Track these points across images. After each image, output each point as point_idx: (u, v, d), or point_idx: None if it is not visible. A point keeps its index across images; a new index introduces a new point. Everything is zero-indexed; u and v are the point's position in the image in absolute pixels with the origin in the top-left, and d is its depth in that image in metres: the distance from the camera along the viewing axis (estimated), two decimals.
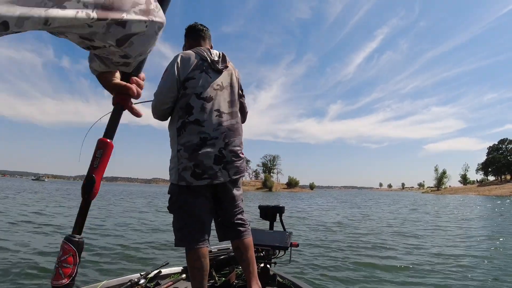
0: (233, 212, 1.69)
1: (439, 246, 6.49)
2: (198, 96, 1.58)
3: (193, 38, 1.78)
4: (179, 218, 1.59)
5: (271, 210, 2.40)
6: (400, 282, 4.03)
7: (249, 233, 1.72)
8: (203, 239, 1.56)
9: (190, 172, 1.53)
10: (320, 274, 4.29)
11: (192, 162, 1.53)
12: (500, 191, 64.46)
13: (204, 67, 1.62)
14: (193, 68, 1.59)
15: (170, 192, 1.62)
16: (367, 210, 17.03)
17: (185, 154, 1.54)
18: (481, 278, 4.22)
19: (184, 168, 1.54)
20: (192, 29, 1.79)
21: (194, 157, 1.53)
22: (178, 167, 1.55)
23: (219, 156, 1.57)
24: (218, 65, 1.66)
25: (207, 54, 1.64)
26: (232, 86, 1.71)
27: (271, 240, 2.14)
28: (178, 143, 1.57)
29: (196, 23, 1.80)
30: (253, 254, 1.71)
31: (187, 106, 1.57)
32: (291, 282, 2.05)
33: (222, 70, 1.68)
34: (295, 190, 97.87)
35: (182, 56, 1.62)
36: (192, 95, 1.57)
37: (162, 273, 2.11)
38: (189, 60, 1.61)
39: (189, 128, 1.55)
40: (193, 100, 1.57)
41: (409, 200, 34.79)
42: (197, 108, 1.57)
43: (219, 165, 1.57)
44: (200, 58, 1.63)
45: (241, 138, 1.72)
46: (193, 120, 1.56)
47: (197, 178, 1.53)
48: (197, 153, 1.53)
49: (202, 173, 1.53)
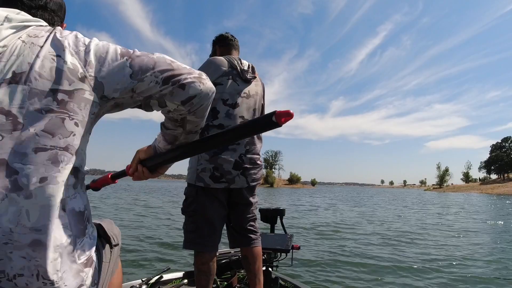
0: (246, 218, 1.71)
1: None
2: (224, 102, 1.61)
3: (224, 46, 1.81)
4: (191, 220, 1.61)
5: (271, 213, 2.39)
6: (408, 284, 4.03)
7: (259, 242, 1.73)
8: (213, 244, 1.59)
9: (209, 175, 1.55)
10: (322, 277, 4.28)
11: (212, 165, 1.55)
12: (503, 189, 64.26)
13: (232, 75, 1.66)
14: (222, 75, 1.63)
15: (187, 194, 1.64)
16: (374, 210, 16.96)
17: (205, 156, 1.56)
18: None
19: (203, 170, 1.56)
20: (223, 38, 1.82)
21: (214, 160, 1.56)
22: (197, 167, 1.57)
23: (239, 162, 1.59)
24: (247, 75, 1.70)
25: (237, 63, 1.69)
26: (258, 96, 1.76)
27: (273, 243, 2.14)
28: None
29: (227, 33, 1.85)
30: (261, 265, 1.73)
31: (213, 110, 1.60)
32: (293, 285, 2.06)
33: (251, 80, 1.72)
34: (296, 186, 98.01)
35: (214, 61, 1.66)
36: (218, 100, 1.61)
37: (164, 279, 2.11)
38: (220, 66, 1.65)
39: (212, 131, 1.58)
40: (219, 105, 1.61)
41: (415, 198, 34.68)
42: (222, 113, 1.60)
43: (238, 170, 1.59)
44: (230, 66, 1.67)
45: (261, 147, 1.75)
46: (217, 124, 1.59)
47: (215, 181, 1.55)
48: (217, 157, 1.56)
49: (220, 176, 1.55)
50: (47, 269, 0.57)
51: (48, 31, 0.67)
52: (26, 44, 0.63)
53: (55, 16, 0.79)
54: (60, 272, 0.59)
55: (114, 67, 0.68)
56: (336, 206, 17.87)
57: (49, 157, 0.59)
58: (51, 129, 0.60)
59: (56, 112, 0.61)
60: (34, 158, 0.58)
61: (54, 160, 0.60)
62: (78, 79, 0.64)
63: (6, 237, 0.55)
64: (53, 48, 0.64)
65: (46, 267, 0.57)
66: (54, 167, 0.60)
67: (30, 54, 0.62)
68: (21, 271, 0.56)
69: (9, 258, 0.56)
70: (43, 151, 0.59)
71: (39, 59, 0.62)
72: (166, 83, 0.68)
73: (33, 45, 0.63)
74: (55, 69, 0.62)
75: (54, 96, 0.61)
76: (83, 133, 0.66)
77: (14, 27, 0.64)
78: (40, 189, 0.58)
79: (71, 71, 0.64)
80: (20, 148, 0.57)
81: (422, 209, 17.76)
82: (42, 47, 0.63)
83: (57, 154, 0.60)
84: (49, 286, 0.58)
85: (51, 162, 0.59)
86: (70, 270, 0.61)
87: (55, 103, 0.61)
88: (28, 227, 0.57)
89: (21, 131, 0.58)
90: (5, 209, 0.56)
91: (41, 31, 0.67)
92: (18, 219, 0.56)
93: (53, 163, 0.60)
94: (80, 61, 0.65)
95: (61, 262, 0.59)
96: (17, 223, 0.56)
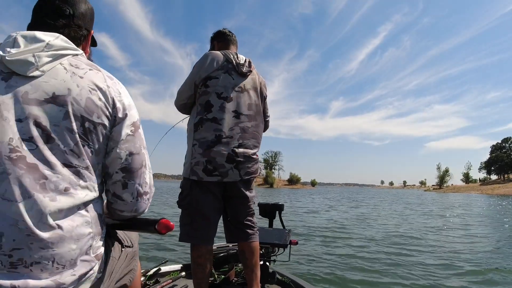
0: (243, 212, 1.71)
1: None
2: (219, 96, 1.61)
3: (222, 41, 1.83)
4: (187, 213, 1.63)
5: (270, 207, 2.40)
6: (403, 277, 4.04)
7: (256, 237, 1.73)
8: (208, 237, 1.60)
9: (202, 168, 1.56)
10: (319, 271, 4.30)
11: (205, 158, 1.56)
12: (503, 190, 64.21)
13: (228, 69, 1.66)
14: (217, 68, 1.64)
15: (182, 187, 1.66)
16: (374, 210, 16.97)
17: (199, 150, 1.57)
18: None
19: (197, 163, 1.57)
20: (221, 33, 1.85)
21: (207, 153, 1.56)
22: (191, 161, 1.59)
23: (232, 155, 1.59)
24: (242, 68, 1.70)
25: (233, 57, 1.69)
26: (254, 90, 1.74)
27: (270, 237, 2.14)
28: (194, 138, 1.61)
29: (225, 29, 1.86)
30: (258, 260, 1.72)
31: (206, 103, 1.61)
32: (290, 280, 2.06)
33: (247, 74, 1.72)
34: (296, 187, 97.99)
35: (209, 55, 1.67)
36: (212, 94, 1.61)
37: (162, 271, 2.12)
38: (215, 59, 1.66)
39: (206, 124, 1.59)
40: (213, 99, 1.61)
41: (415, 199, 34.68)
42: (216, 107, 1.60)
43: (231, 164, 1.59)
44: (226, 60, 1.67)
45: (258, 142, 1.74)
46: (211, 118, 1.59)
47: (208, 174, 1.56)
48: (210, 150, 1.56)
49: (213, 169, 1.56)
50: (64, 257, 0.67)
51: (88, 65, 0.77)
52: (68, 72, 0.72)
53: (80, 31, 0.85)
54: (74, 260, 0.69)
55: (121, 132, 0.79)
56: (336, 206, 17.88)
57: (73, 172, 0.70)
58: (76, 151, 0.70)
59: (81, 137, 0.71)
60: (62, 170, 0.68)
61: (77, 175, 0.71)
62: (105, 115, 0.75)
63: (29, 230, 0.63)
64: (92, 83, 0.74)
65: (63, 255, 0.67)
66: (77, 181, 0.71)
67: (70, 82, 0.72)
68: (39, 260, 0.64)
69: (29, 248, 0.63)
70: (69, 167, 0.70)
71: (78, 88, 0.72)
72: (126, 181, 0.83)
73: (74, 75, 0.73)
74: (90, 100, 0.73)
75: (83, 122, 0.72)
76: (98, 160, 0.77)
77: (54, 55, 0.72)
78: (65, 195, 0.68)
79: (102, 108, 0.74)
80: (51, 159, 0.67)
81: (423, 208, 17.76)
82: (82, 78, 0.73)
83: (80, 171, 0.71)
84: (61, 270, 0.66)
85: (74, 176, 0.70)
86: (83, 260, 0.71)
87: (82, 129, 0.72)
88: (49, 225, 0.65)
89: (52, 144, 0.68)
90: (30, 207, 0.63)
91: (81, 63, 0.76)
92: (41, 217, 0.64)
93: (76, 177, 0.71)
94: (109, 104, 0.76)
95: (77, 254, 0.69)
96: (39, 219, 0.64)
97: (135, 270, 1.00)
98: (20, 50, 0.68)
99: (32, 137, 0.66)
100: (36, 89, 0.68)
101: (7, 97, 0.66)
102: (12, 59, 0.68)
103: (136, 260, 1.03)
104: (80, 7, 0.85)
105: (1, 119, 0.65)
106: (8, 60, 0.67)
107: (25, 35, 0.71)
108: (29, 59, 0.69)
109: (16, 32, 0.72)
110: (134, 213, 0.88)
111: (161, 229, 0.82)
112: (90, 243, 0.73)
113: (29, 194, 0.63)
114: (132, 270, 0.98)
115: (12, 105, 0.66)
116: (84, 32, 0.86)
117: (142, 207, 0.88)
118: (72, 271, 0.68)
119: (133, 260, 1.00)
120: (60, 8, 0.81)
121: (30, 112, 0.66)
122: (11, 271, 0.62)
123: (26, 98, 0.67)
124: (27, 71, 0.68)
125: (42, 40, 0.72)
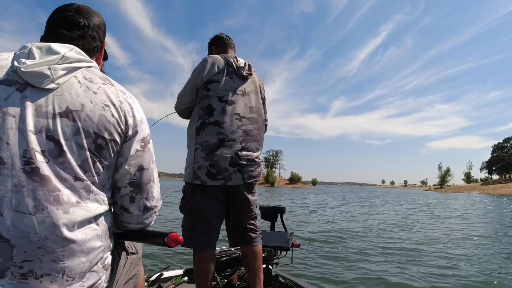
0: (246, 216, 1.70)
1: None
2: (220, 99, 1.61)
3: (219, 46, 1.83)
4: (189, 218, 1.62)
5: (272, 210, 2.39)
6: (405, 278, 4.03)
7: (259, 240, 1.73)
8: (210, 241, 1.60)
9: (206, 172, 1.55)
10: (322, 274, 4.29)
11: (208, 162, 1.55)
12: (505, 190, 64.03)
13: (229, 72, 1.66)
14: (218, 72, 1.64)
15: (184, 192, 1.65)
16: (377, 210, 16.94)
17: (202, 154, 1.56)
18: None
19: (200, 167, 1.56)
20: (218, 38, 1.85)
21: (210, 157, 1.55)
22: (194, 165, 1.57)
23: (235, 158, 1.58)
24: (243, 71, 1.70)
25: (233, 61, 1.69)
26: (255, 93, 1.75)
27: (273, 240, 2.14)
28: (196, 142, 1.60)
29: (222, 33, 1.87)
30: (261, 263, 1.72)
31: (208, 107, 1.60)
32: (293, 283, 2.05)
33: (247, 77, 1.72)
34: (297, 186, 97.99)
35: (210, 59, 1.67)
36: (214, 97, 1.61)
37: (164, 276, 2.12)
38: (215, 63, 1.66)
39: (208, 128, 1.58)
40: (214, 102, 1.60)
41: (416, 199, 34.60)
42: (218, 110, 1.60)
43: (234, 167, 1.58)
44: (226, 63, 1.68)
45: (260, 144, 1.73)
46: (213, 121, 1.58)
47: (212, 178, 1.55)
48: (213, 154, 1.55)
49: (216, 173, 1.55)
50: (73, 270, 0.67)
51: (101, 79, 0.78)
52: (82, 87, 0.73)
53: (94, 43, 0.86)
54: (84, 272, 0.70)
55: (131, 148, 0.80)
56: (338, 206, 17.86)
57: (84, 186, 0.70)
58: (86, 166, 0.71)
59: (92, 153, 0.71)
60: (73, 183, 0.69)
61: (88, 189, 0.71)
62: (117, 132, 0.76)
63: (41, 243, 0.64)
64: (105, 99, 0.75)
65: (73, 268, 0.67)
66: (88, 194, 0.71)
67: (84, 97, 0.72)
68: (49, 272, 0.65)
69: (40, 260, 0.64)
70: (80, 181, 0.70)
71: (91, 104, 0.72)
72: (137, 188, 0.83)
73: (87, 89, 0.73)
74: (103, 117, 0.73)
75: (95, 139, 0.72)
76: (109, 175, 0.78)
77: (69, 68, 0.72)
78: (77, 207, 0.68)
79: (114, 124, 0.75)
80: (63, 172, 0.68)
81: (423, 207, 17.73)
82: (96, 94, 0.74)
83: (90, 185, 0.72)
84: (70, 282, 0.67)
85: (85, 190, 0.71)
86: (92, 271, 0.72)
87: (94, 145, 0.72)
88: (61, 237, 0.65)
89: (64, 158, 0.68)
90: (43, 219, 0.64)
91: (95, 77, 0.77)
92: (53, 229, 0.65)
93: (86, 191, 0.71)
94: (122, 120, 0.77)
95: (87, 267, 0.70)
96: (52, 232, 0.64)
97: (139, 275, 1.02)
98: (35, 62, 0.69)
99: (45, 151, 0.66)
100: (51, 102, 0.69)
101: (22, 108, 0.66)
102: (28, 71, 0.68)
103: (139, 265, 1.04)
104: (94, 19, 0.86)
105: (16, 131, 0.65)
106: (23, 72, 0.67)
107: (40, 47, 0.72)
108: (45, 71, 0.69)
109: (31, 43, 0.73)
110: (140, 226, 0.90)
111: (170, 242, 0.83)
112: (101, 256, 0.74)
113: (42, 207, 0.64)
114: (136, 275, 1.00)
115: (26, 117, 0.66)
116: (98, 43, 0.87)
117: (149, 220, 0.90)
118: (81, 282, 0.69)
119: (137, 265, 1.02)
120: (75, 19, 0.81)
121: (44, 125, 0.67)
122: (21, 282, 0.62)
123: (40, 110, 0.67)
124: (42, 84, 0.68)
125: (58, 52, 0.72)
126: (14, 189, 0.63)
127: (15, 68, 0.68)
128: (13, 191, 0.63)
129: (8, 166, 0.63)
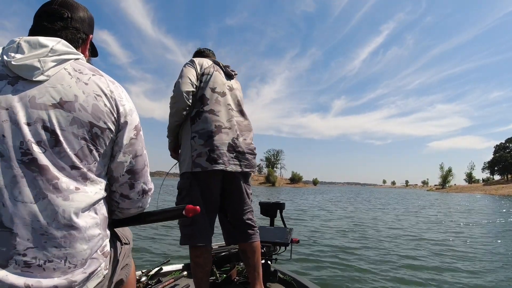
0: (242, 209, 1.70)
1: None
2: (213, 90, 1.67)
3: (201, 56, 1.91)
4: None
5: (271, 206, 2.39)
6: (404, 275, 4.02)
7: (257, 236, 1.73)
8: (207, 237, 1.61)
9: (206, 158, 1.56)
10: (321, 270, 4.30)
11: (208, 148, 1.56)
12: (507, 190, 63.72)
13: (218, 68, 1.77)
14: (208, 67, 1.72)
15: (180, 187, 1.64)
16: (377, 209, 16.90)
17: (200, 141, 1.58)
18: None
19: (199, 155, 1.56)
20: (199, 52, 1.95)
21: (209, 143, 1.57)
22: (192, 154, 1.58)
23: (232, 145, 1.62)
24: (229, 69, 1.81)
25: (218, 61, 1.82)
26: (240, 91, 1.85)
27: (272, 236, 2.14)
28: (192, 130, 1.61)
29: (200, 48, 1.97)
30: (260, 258, 1.73)
31: (202, 97, 1.65)
32: (292, 278, 2.06)
33: (233, 75, 1.84)
34: (298, 186, 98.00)
35: (197, 59, 1.76)
36: (207, 88, 1.66)
37: (163, 271, 2.13)
38: (203, 60, 1.76)
39: (203, 116, 1.61)
40: (207, 92, 1.66)
41: (418, 199, 34.50)
42: (212, 100, 1.65)
43: (232, 153, 1.61)
44: (213, 62, 1.79)
45: (252, 138, 1.77)
46: (208, 110, 1.63)
47: (212, 162, 1.56)
48: (212, 139, 1.57)
49: (217, 157, 1.56)
50: (75, 257, 0.69)
51: (90, 70, 0.79)
52: (73, 78, 0.74)
53: (78, 34, 0.87)
54: (85, 259, 0.71)
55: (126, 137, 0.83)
56: (339, 205, 17.84)
57: (81, 174, 0.73)
58: (82, 155, 0.73)
59: (88, 141, 0.74)
60: (70, 171, 0.71)
61: (84, 177, 0.74)
62: (111, 121, 0.78)
63: (43, 229, 0.66)
64: (97, 89, 0.77)
65: (75, 255, 0.69)
66: (85, 182, 0.74)
67: (76, 88, 0.74)
68: (51, 258, 0.66)
69: (43, 247, 0.66)
70: (77, 169, 0.72)
71: (84, 95, 0.74)
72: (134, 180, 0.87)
73: (78, 80, 0.75)
74: (96, 106, 0.75)
75: (90, 128, 0.74)
76: (105, 162, 0.81)
77: (58, 60, 0.74)
78: (76, 195, 0.70)
79: (107, 113, 0.77)
80: (60, 161, 0.69)
81: (424, 207, 17.67)
82: (87, 84, 0.76)
83: (87, 173, 0.74)
84: (72, 269, 0.69)
85: (81, 178, 0.73)
86: (93, 258, 0.74)
87: (89, 134, 0.74)
88: (63, 224, 0.68)
89: (60, 148, 0.70)
90: (45, 207, 0.66)
91: (84, 68, 0.78)
92: (55, 216, 0.67)
93: (83, 179, 0.73)
94: (114, 109, 0.79)
95: (88, 254, 0.72)
96: (53, 219, 0.67)
97: (130, 266, 1.04)
98: (25, 56, 0.70)
99: (41, 141, 0.68)
100: (43, 94, 0.70)
101: (15, 101, 0.68)
102: (19, 64, 0.69)
103: (130, 257, 1.07)
104: (79, 12, 0.88)
105: (11, 123, 0.67)
106: (14, 65, 0.69)
107: (29, 40, 0.73)
108: (35, 64, 0.70)
109: (19, 38, 0.74)
110: (140, 209, 0.94)
111: (188, 213, 0.91)
112: (100, 243, 0.77)
113: (43, 195, 0.66)
114: (127, 266, 1.02)
115: (20, 109, 0.68)
116: (82, 35, 0.88)
117: (147, 202, 0.95)
118: (83, 269, 0.71)
119: (128, 256, 1.05)
120: (58, 11, 0.84)
121: (38, 116, 0.68)
122: (25, 270, 0.63)
123: (34, 102, 0.69)
124: (33, 76, 0.70)
125: (46, 45, 0.73)
126: (14, 179, 0.65)
127: (5, 62, 0.69)
128: (13, 182, 0.65)
129: (7, 158, 0.65)
